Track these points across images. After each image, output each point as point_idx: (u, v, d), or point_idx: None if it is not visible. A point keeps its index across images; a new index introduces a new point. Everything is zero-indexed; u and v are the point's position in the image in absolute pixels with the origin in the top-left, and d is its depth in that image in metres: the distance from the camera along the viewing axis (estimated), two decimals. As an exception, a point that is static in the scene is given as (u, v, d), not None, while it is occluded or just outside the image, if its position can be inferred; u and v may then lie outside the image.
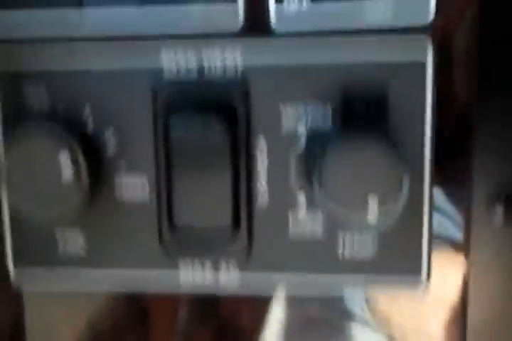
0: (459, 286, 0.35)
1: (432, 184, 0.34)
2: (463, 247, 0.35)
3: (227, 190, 0.34)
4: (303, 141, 0.34)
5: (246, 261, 0.36)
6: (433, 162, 0.34)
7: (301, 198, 0.35)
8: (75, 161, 0.33)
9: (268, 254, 0.35)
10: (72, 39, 0.35)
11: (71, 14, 0.35)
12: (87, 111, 0.35)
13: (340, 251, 0.35)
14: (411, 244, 0.34)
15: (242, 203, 0.35)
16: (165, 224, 0.35)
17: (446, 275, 0.35)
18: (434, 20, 0.32)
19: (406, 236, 0.34)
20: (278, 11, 0.33)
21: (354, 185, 0.31)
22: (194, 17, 0.34)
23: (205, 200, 0.34)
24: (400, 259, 0.34)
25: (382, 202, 0.31)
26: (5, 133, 0.36)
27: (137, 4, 0.34)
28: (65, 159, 0.33)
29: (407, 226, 0.34)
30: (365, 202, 0.31)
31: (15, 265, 0.38)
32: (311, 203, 0.34)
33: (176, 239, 0.36)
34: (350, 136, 0.31)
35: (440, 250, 0.35)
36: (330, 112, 0.34)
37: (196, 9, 0.33)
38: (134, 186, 0.36)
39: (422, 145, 0.33)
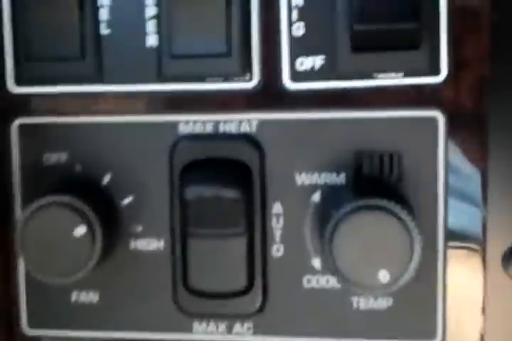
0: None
1: (446, 246, 0.33)
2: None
3: (242, 255, 0.34)
4: (317, 207, 0.34)
5: (259, 324, 0.35)
6: (447, 223, 0.33)
7: (316, 263, 0.34)
8: (92, 234, 0.32)
9: (281, 317, 0.35)
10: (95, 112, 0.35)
11: (93, 88, 0.35)
12: (107, 179, 0.35)
13: (354, 310, 0.34)
14: (425, 303, 0.34)
15: (257, 268, 0.34)
16: (180, 286, 0.35)
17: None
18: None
19: (420, 295, 0.34)
20: (291, 71, 0.33)
21: (365, 257, 0.31)
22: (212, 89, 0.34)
23: (219, 264, 0.34)
24: (414, 318, 0.34)
25: (392, 273, 0.31)
26: (24, 201, 0.36)
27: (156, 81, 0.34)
28: (81, 232, 0.32)
29: (420, 287, 0.34)
30: (376, 274, 0.31)
31: (30, 326, 0.37)
32: (325, 268, 0.34)
33: (191, 302, 0.35)
34: (362, 207, 0.31)
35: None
36: (344, 180, 0.33)
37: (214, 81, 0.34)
38: (150, 250, 0.35)
39: (436, 209, 0.33)
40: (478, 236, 0.33)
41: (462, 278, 0.34)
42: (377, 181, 0.33)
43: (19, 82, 0.35)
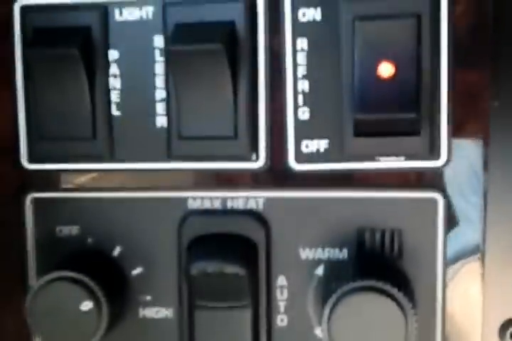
0: None
1: (444, 318, 0.34)
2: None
3: (248, 325, 0.34)
4: (321, 280, 0.34)
5: None
6: (445, 297, 0.34)
7: (319, 332, 0.34)
8: (98, 308, 0.32)
9: None
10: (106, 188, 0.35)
11: (104, 166, 0.35)
12: (117, 251, 0.35)
13: None
14: None
15: (262, 337, 0.34)
16: None
17: None
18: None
19: None
20: (296, 153, 0.33)
21: (361, 335, 0.30)
22: (219, 168, 0.34)
23: (226, 334, 0.34)
24: None
25: None
26: (38, 271, 0.36)
27: (165, 160, 0.34)
28: (88, 306, 0.32)
29: None
30: None
31: None
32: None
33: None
34: (360, 288, 0.31)
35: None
36: (346, 255, 0.33)
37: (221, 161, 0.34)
38: (159, 318, 0.35)
39: (435, 284, 0.33)
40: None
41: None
42: (378, 257, 0.33)
43: (33, 159, 0.35)
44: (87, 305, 0.33)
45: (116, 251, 0.35)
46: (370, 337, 0.31)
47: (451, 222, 0.33)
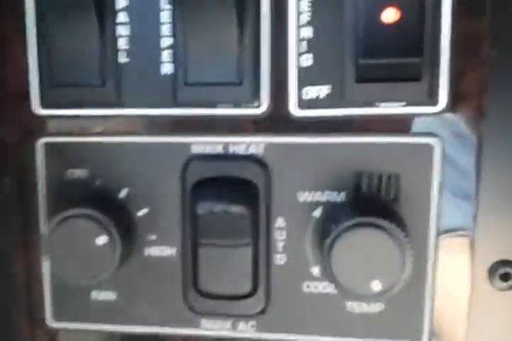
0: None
1: (436, 258, 0.34)
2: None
3: (248, 263, 0.34)
4: (318, 222, 0.34)
5: (262, 323, 0.36)
6: (438, 237, 0.34)
7: (315, 271, 0.35)
8: (112, 243, 0.33)
9: (282, 318, 0.36)
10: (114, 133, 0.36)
11: (112, 111, 0.35)
12: (124, 193, 0.36)
13: (348, 313, 0.35)
14: (414, 307, 0.35)
15: (261, 274, 0.35)
16: (190, 289, 0.36)
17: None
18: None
19: (409, 301, 0.35)
20: (298, 99, 0.33)
21: (360, 268, 0.31)
22: (223, 114, 0.34)
23: (227, 271, 0.35)
24: (403, 321, 0.35)
25: (385, 283, 0.31)
26: (48, 212, 0.36)
27: (171, 106, 0.34)
28: (103, 241, 0.33)
29: (410, 294, 0.34)
30: (370, 284, 0.31)
31: (54, 319, 0.38)
32: (323, 275, 0.35)
33: (200, 302, 0.36)
34: (359, 224, 0.31)
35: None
36: (344, 198, 0.34)
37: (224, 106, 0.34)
38: (163, 256, 0.36)
39: (428, 220, 0.34)
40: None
41: (449, 287, 0.35)
42: (374, 200, 0.33)
43: (44, 104, 0.35)
44: (102, 239, 0.33)
45: (123, 193, 0.36)
46: (368, 271, 0.31)
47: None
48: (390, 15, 0.30)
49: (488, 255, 0.34)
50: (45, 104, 0.36)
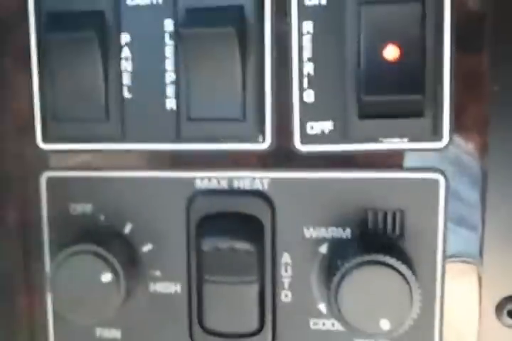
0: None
1: (443, 293, 0.34)
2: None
3: (254, 300, 0.34)
4: (324, 258, 0.34)
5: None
6: (444, 276, 0.34)
7: (322, 308, 0.34)
8: (117, 280, 0.33)
9: None
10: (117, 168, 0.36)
11: (116, 146, 0.35)
12: (128, 228, 0.36)
13: None
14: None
15: (267, 311, 0.34)
16: (195, 325, 0.35)
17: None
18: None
19: (418, 336, 0.34)
20: (302, 135, 0.33)
21: (368, 307, 0.31)
22: (227, 149, 0.34)
23: (233, 308, 0.34)
24: None
25: (393, 322, 0.31)
26: (51, 248, 0.36)
27: (175, 141, 0.34)
28: (107, 278, 0.33)
29: (419, 333, 0.34)
30: (378, 323, 0.31)
31: None
32: (331, 312, 0.34)
33: (205, 340, 0.35)
34: (366, 262, 0.31)
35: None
36: (350, 234, 0.33)
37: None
38: (168, 292, 0.36)
39: (435, 256, 0.33)
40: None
41: (458, 323, 0.35)
42: (380, 236, 0.33)
43: (47, 139, 0.35)
44: (107, 277, 0.33)
45: (128, 229, 0.35)
46: (376, 309, 0.31)
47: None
48: (391, 52, 0.30)
49: (495, 291, 0.33)
50: (48, 138, 0.36)
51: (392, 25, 0.30)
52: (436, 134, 0.32)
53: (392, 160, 0.33)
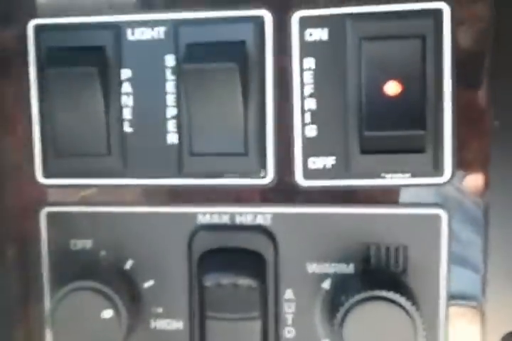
0: None
1: (447, 326, 0.33)
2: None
3: (257, 336, 0.33)
4: (327, 294, 0.34)
5: None
6: (448, 305, 0.33)
7: None
8: (118, 316, 0.33)
9: None
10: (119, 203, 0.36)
11: (117, 181, 0.35)
12: (130, 264, 0.35)
13: None
14: None
15: (272, 349, 0.35)
16: None
17: None
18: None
19: None
20: (304, 170, 0.33)
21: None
22: (229, 184, 0.34)
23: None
24: None
25: None
26: (52, 284, 0.36)
27: (176, 176, 0.34)
28: (109, 314, 0.33)
29: None
30: None
31: None
32: None
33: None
34: (370, 298, 0.31)
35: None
36: (353, 270, 0.33)
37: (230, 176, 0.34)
38: (170, 329, 0.35)
39: (438, 291, 0.33)
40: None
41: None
42: (383, 272, 0.33)
43: (47, 174, 0.36)
44: (108, 313, 0.33)
45: (129, 265, 0.35)
46: None
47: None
48: (392, 88, 0.31)
49: (499, 326, 0.33)
50: (48, 173, 0.36)
51: (393, 61, 0.31)
52: (437, 169, 0.32)
53: (395, 195, 0.33)
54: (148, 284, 0.35)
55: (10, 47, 0.36)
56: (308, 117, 0.33)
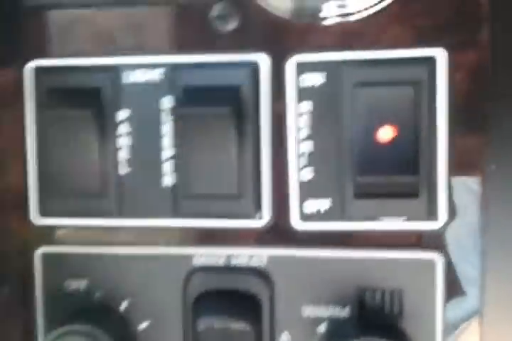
0: None
1: None
2: None
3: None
4: (323, 338, 0.34)
5: None
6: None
7: None
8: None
9: None
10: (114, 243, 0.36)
11: (112, 222, 0.35)
12: (125, 305, 0.35)
13: None
14: None
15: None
16: None
17: None
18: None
19: None
20: (299, 213, 0.34)
21: None
22: (224, 226, 0.35)
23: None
24: None
25: None
26: (46, 325, 0.36)
27: (172, 217, 0.35)
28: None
29: None
30: None
31: None
32: None
33: None
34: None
35: None
36: (348, 313, 0.33)
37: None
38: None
39: (434, 335, 0.33)
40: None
41: None
42: (379, 316, 0.33)
43: (42, 214, 0.36)
44: None
45: (123, 306, 0.36)
46: None
47: (454, 289, 0.33)
48: (386, 133, 0.31)
49: None
50: (43, 213, 0.36)
51: (387, 107, 0.31)
52: (432, 214, 0.32)
53: (390, 238, 0.33)
54: (142, 326, 0.36)
55: (7, 87, 0.36)
56: (303, 160, 0.33)
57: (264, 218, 0.34)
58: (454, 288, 0.33)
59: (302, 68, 0.33)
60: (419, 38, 0.32)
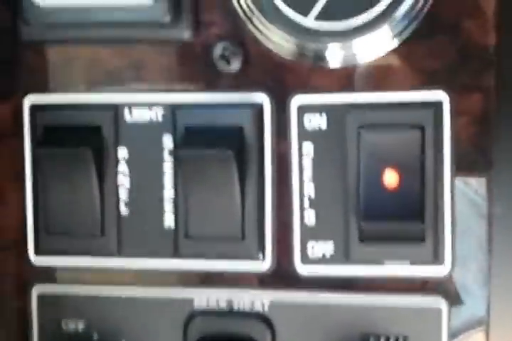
0: None
1: None
2: None
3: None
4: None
5: None
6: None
7: None
8: None
9: None
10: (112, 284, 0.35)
11: (111, 262, 0.35)
12: None
13: None
14: None
15: None
16: None
17: None
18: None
19: None
20: (302, 256, 0.33)
21: None
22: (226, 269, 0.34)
23: None
24: None
25: None
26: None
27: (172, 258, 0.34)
28: None
29: None
30: None
31: None
32: None
33: None
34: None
35: None
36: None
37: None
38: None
39: None
40: None
41: None
42: None
43: (40, 253, 0.36)
44: None
45: None
46: None
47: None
48: (390, 178, 0.31)
49: None
50: (41, 252, 0.36)
51: (392, 151, 0.31)
52: (437, 260, 0.32)
53: (395, 283, 0.33)
54: None
55: (5, 122, 0.36)
56: (307, 202, 0.33)
57: (266, 261, 0.34)
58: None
59: (305, 109, 0.33)
60: (425, 81, 0.31)
